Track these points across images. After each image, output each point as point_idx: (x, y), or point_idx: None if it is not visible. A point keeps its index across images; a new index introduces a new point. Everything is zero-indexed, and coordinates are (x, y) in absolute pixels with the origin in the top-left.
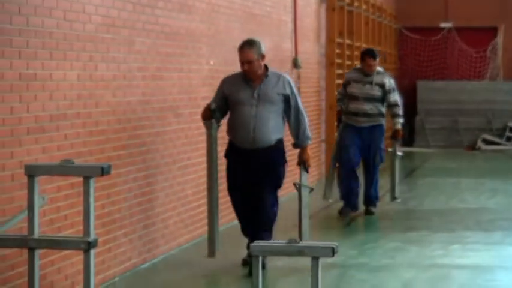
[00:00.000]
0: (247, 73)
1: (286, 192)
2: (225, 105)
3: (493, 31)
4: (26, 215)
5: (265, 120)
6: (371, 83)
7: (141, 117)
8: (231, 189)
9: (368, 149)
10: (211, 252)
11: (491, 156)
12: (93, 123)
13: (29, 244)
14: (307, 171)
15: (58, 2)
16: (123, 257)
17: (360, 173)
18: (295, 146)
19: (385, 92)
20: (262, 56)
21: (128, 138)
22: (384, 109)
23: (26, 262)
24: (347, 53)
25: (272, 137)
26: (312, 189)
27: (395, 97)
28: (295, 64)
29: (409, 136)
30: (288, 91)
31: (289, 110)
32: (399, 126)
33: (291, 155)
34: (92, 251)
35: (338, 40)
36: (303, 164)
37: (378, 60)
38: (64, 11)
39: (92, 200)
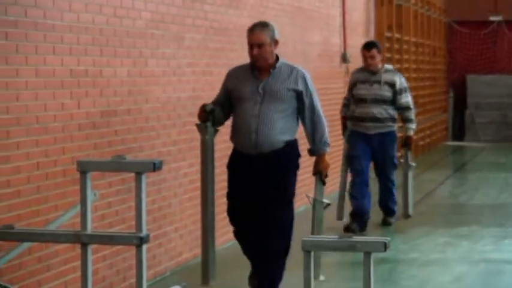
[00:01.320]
0: (256, 59)
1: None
2: (229, 103)
3: None
4: (78, 210)
5: (270, 120)
6: (379, 82)
7: (191, 113)
8: (232, 207)
9: (379, 159)
10: (206, 280)
11: None
12: (143, 119)
13: (82, 239)
14: (324, 183)
15: None
16: (174, 252)
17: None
18: (311, 153)
19: (396, 92)
20: (276, 42)
21: (178, 134)
22: (394, 112)
23: (79, 257)
24: (396, 47)
25: (279, 140)
26: (328, 204)
27: (407, 98)
28: (344, 58)
29: (459, 130)
30: (301, 87)
31: (303, 109)
32: (411, 133)
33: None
34: (144, 246)
35: (387, 34)
36: (319, 174)
37: (378, 53)
38: (114, 8)
39: (143, 195)
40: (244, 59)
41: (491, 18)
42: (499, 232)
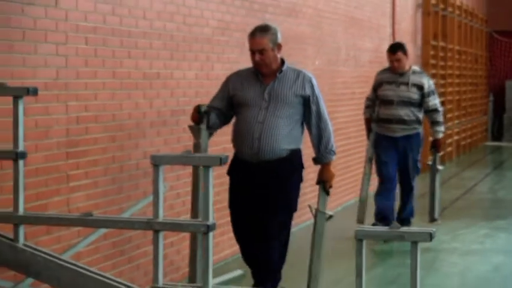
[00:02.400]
0: (259, 66)
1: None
2: (227, 108)
3: None
4: (150, 200)
5: (275, 127)
6: (407, 83)
7: None
8: (234, 216)
9: (403, 161)
10: None
11: None
12: None
13: (154, 227)
14: (328, 193)
15: (179, 7)
16: (234, 241)
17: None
18: (315, 161)
19: (424, 95)
20: (279, 46)
21: None
22: (421, 115)
23: (150, 242)
24: (441, 54)
25: (283, 148)
26: (331, 216)
27: (435, 101)
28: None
29: (498, 132)
30: (308, 92)
31: (310, 116)
32: (440, 136)
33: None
34: (211, 234)
35: (433, 42)
36: (322, 184)
37: (404, 55)
38: (184, 16)
39: (211, 187)
40: (302, 64)
41: None
42: None
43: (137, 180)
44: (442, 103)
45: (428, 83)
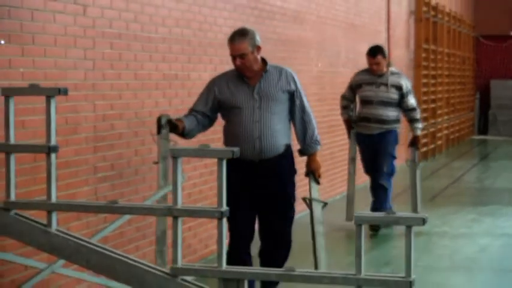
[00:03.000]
0: (241, 70)
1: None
2: (211, 111)
3: None
4: (169, 189)
5: (271, 124)
6: (386, 84)
7: None
8: (232, 214)
9: (378, 155)
10: None
11: None
12: None
13: (174, 213)
14: (318, 182)
15: (195, 15)
16: None
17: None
18: (302, 153)
19: (402, 95)
20: (258, 48)
21: None
22: (399, 114)
23: (169, 227)
24: (432, 56)
25: (281, 144)
26: (325, 204)
27: (413, 100)
28: (389, 66)
29: (483, 126)
30: (293, 87)
31: (294, 109)
32: (418, 132)
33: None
34: (224, 220)
35: (424, 46)
36: (312, 174)
37: (383, 58)
38: (200, 23)
39: (224, 177)
40: (306, 66)
41: (511, 33)
42: None
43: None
44: (433, 101)
45: (406, 83)
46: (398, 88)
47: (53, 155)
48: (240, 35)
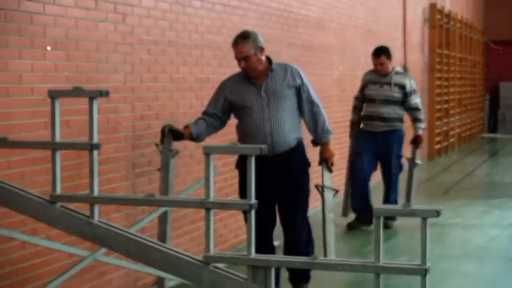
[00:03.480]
0: (246, 71)
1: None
2: (222, 113)
3: None
4: (202, 183)
5: (280, 120)
6: (389, 83)
7: None
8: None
9: (384, 156)
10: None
11: None
12: None
13: (206, 205)
14: (330, 170)
15: (224, 23)
16: None
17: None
18: (315, 143)
19: (406, 95)
20: (261, 49)
21: None
22: (402, 113)
23: (202, 219)
24: (445, 60)
25: (292, 138)
26: (336, 191)
27: (416, 100)
28: (405, 69)
29: (493, 125)
30: (298, 81)
31: (302, 103)
32: (420, 132)
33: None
34: (253, 212)
35: (438, 51)
36: (325, 162)
37: (387, 58)
38: (229, 30)
39: (253, 172)
40: (329, 70)
41: None
42: None
43: (191, 166)
44: (446, 101)
45: (410, 83)
46: (402, 87)
47: (95, 152)
48: (242, 39)
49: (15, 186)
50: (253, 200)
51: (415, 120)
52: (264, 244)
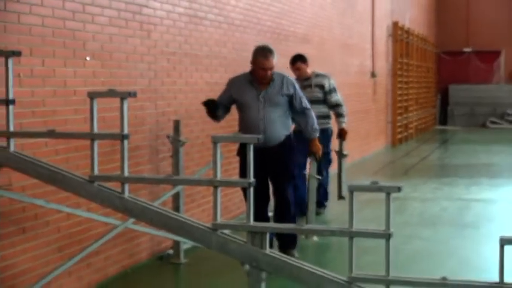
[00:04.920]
0: (265, 79)
1: None
2: (230, 104)
3: (497, 53)
4: (210, 166)
5: (273, 121)
6: (310, 85)
7: None
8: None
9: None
10: None
11: (495, 131)
12: None
13: (214, 183)
14: (317, 161)
15: (229, 37)
16: None
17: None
18: (305, 137)
19: (326, 93)
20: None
21: None
22: (326, 110)
23: (211, 194)
24: (404, 67)
25: (281, 135)
26: (318, 179)
27: (336, 97)
28: (373, 75)
29: (443, 119)
30: (291, 91)
31: (295, 109)
32: (343, 125)
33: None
34: (251, 188)
35: (399, 60)
36: (313, 154)
37: (303, 63)
38: (233, 43)
39: (251, 157)
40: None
41: (464, 50)
42: (469, 182)
43: (202, 152)
44: (406, 100)
45: (328, 82)
46: (321, 87)
47: (125, 141)
48: (271, 53)
49: (62, 168)
50: (252, 179)
51: (338, 115)
52: (261, 213)
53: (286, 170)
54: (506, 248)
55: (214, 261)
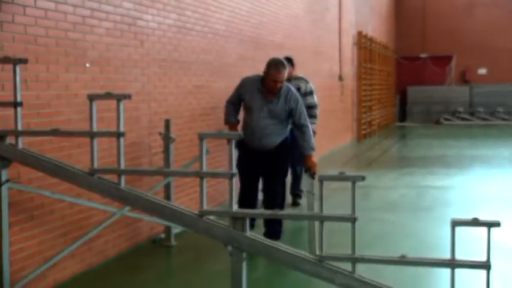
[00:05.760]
0: (273, 89)
1: None
2: (240, 102)
3: (449, 58)
4: (197, 160)
5: (271, 131)
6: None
7: None
8: (240, 176)
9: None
10: None
11: (448, 127)
12: None
13: (201, 175)
14: (313, 177)
15: (214, 46)
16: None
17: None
18: (302, 152)
19: (301, 95)
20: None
21: None
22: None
23: (198, 184)
24: (368, 71)
25: (277, 142)
26: (314, 194)
27: (312, 100)
28: (340, 78)
29: (402, 116)
30: (293, 106)
31: (294, 123)
32: (313, 126)
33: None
34: (234, 179)
35: (363, 65)
36: (308, 170)
37: (291, 66)
38: (217, 51)
39: (233, 151)
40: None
41: (420, 55)
42: (425, 171)
43: (190, 148)
44: (369, 100)
45: (305, 85)
46: (298, 89)
47: (121, 138)
48: (284, 67)
49: (65, 163)
50: (234, 170)
51: (310, 116)
52: (249, 202)
53: (278, 169)
54: (457, 229)
55: (201, 244)
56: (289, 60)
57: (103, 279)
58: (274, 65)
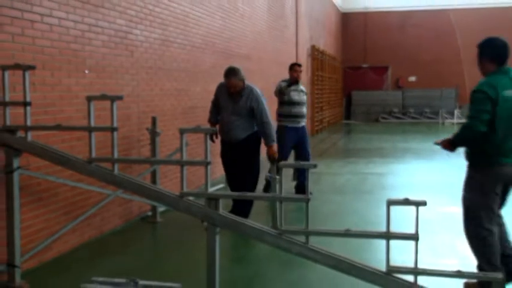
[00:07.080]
0: (232, 91)
1: None
2: (218, 105)
3: (386, 68)
4: (178, 151)
5: (237, 125)
6: (302, 90)
7: None
8: (223, 164)
9: (303, 144)
10: None
11: (385, 124)
12: None
13: (181, 163)
14: (273, 163)
15: (191, 56)
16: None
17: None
18: (265, 143)
19: (305, 94)
20: (242, 80)
21: None
22: (305, 111)
23: (179, 170)
24: (320, 78)
25: (243, 135)
26: (275, 179)
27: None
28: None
29: (347, 115)
30: (255, 105)
31: (256, 119)
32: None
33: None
34: (209, 167)
35: (316, 73)
36: (269, 158)
37: (297, 67)
38: (194, 60)
39: (208, 144)
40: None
41: (362, 65)
42: (367, 160)
43: (172, 141)
44: (320, 102)
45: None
46: (305, 93)
47: (115, 133)
48: (230, 74)
49: (67, 153)
50: (209, 159)
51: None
52: (233, 186)
53: (246, 159)
54: (392, 207)
55: (182, 220)
56: (299, 65)
57: (100, 250)
58: (224, 73)
